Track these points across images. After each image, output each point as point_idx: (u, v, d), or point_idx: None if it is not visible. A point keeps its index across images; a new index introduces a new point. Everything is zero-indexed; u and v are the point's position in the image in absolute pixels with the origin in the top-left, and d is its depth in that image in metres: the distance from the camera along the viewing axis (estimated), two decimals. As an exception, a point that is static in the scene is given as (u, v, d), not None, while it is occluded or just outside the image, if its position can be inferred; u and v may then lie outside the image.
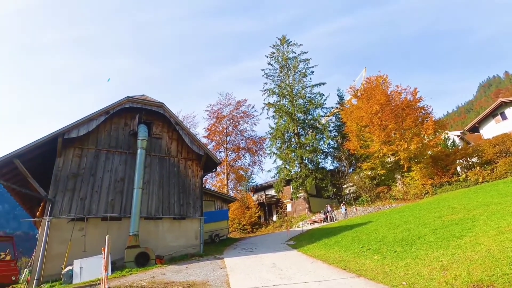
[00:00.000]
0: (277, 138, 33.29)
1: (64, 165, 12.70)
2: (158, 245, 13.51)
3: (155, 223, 14.03)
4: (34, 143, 12.01)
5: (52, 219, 11.69)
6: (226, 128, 39.03)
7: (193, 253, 14.21)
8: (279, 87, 35.62)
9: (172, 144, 15.96)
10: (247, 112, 39.60)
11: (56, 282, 10.59)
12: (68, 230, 11.94)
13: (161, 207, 14.32)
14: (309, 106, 33.80)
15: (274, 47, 37.29)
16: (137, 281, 8.53)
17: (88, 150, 13.45)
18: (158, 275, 9.36)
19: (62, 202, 12.14)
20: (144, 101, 15.11)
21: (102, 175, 13.37)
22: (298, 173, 31.34)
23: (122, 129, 14.71)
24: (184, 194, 15.23)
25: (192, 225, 15.04)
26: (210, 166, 17.49)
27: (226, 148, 38.45)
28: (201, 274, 8.94)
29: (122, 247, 12.01)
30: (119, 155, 14.14)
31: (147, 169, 14.42)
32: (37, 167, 12.69)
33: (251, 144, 39.15)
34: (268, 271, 8.51)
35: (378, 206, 24.50)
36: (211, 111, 39.47)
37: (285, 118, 33.63)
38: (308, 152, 31.39)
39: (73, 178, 12.67)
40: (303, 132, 34.00)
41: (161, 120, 15.76)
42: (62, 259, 11.35)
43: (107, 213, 12.88)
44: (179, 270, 10.07)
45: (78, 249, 11.70)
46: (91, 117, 13.30)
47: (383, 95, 25.33)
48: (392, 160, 26.18)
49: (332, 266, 8.53)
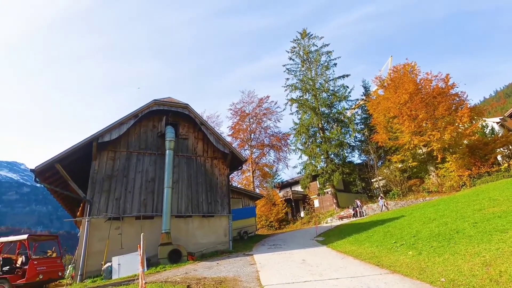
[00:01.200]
0: (301, 133, 32.90)
1: (99, 167, 13.43)
2: (188, 242, 13.92)
3: (185, 221, 14.46)
4: (72, 148, 12.81)
5: (91, 218, 12.44)
6: (250, 126, 39.20)
7: (222, 250, 14.49)
8: (302, 82, 35.13)
9: (198, 144, 16.31)
10: (270, 109, 39.53)
11: (98, 278, 11.27)
12: (106, 228, 12.64)
13: (190, 206, 14.72)
14: (333, 100, 33.04)
15: (294, 41, 36.80)
16: (171, 277, 8.86)
17: (120, 153, 14.11)
18: (190, 271, 9.65)
19: (99, 203, 12.86)
20: (170, 103, 15.55)
21: (134, 176, 13.98)
22: (324, 168, 30.83)
23: (150, 131, 15.27)
24: (211, 192, 15.54)
25: (220, 222, 15.33)
26: (235, 164, 17.69)
27: (250, 145, 38.66)
28: (231, 270, 9.09)
29: (155, 244, 12.50)
30: (149, 156, 14.70)
31: (176, 169, 14.86)
32: (75, 170, 13.49)
33: (275, 140, 39.04)
34: (298, 267, 8.48)
35: (410, 200, 23.53)
36: (234, 109, 39.84)
37: (309, 113, 33.14)
38: (334, 147, 30.76)
39: (108, 180, 13.38)
40: (328, 127, 33.34)
41: (187, 121, 16.15)
42: (102, 256, 12.05)
43: (140, 212, 13.47)
44: (210, 266, 10.31)
45: (115, 247, 12.36)
46: (121, 121, 13.93)
47: (411, 84, 24.18)
48: (424, 152, 24.97)
49: (364, 262, 8.33)
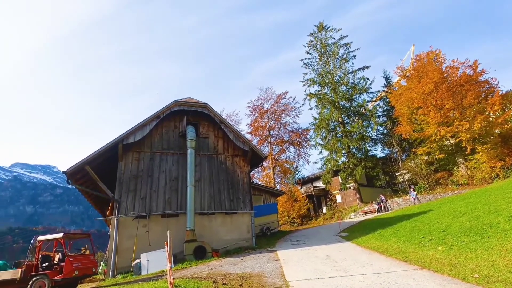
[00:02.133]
0: (321, 128, 32.44)
1: (125, 168, 13.97)
2: (212, 239, 14.19)
3: (208, 218, 14.75)
4: (99, 150, 13.41)
5: (120, 217, 12.98)
6: (269, 123, 39.17)
7: (246, 246, 14.66)
8: (320, 76, 34.57)
9: (219, 142, 16.53)
10: (288, 104, 39.26)
11: (128, 274, 11.77)
12: (134, 226, 13.15)
13: (213, 203, 14.99)
14: (353, 93, 32.28)
15: (311, 35, 36.22)
16: (197, 272, 9.09)
17: (144, 153, 14.60)
18: (215, 267, 9.85)
19: (127, 202, 13.39)
20: (190, 103, 15.85)
21: (158, 176, 14.43)
22: (346, 163, 30.27)
23: (172, 131, 15.65)
24: (233, 189, 15.73)
25: (243, 219, 15.50)
26: (256, 161, 17.78)
27: (270, 142, 38.64)
28: (256, 266, 9.19)
29: (181, 241, 12.86)
30: (172, 156, 15.10)
31: (198, 168, 15.16)
32: (103, 171, 14.11)
33: (295, 136, 38.77)
34: (322, 263, 8.43)
35: (438, 194, 22.62)
36: (253, 107, 39.91)
37: (328, 107, 32.60)
38: (355, 141, 30.11)
39: (134, 180, 13.89)
40: (349, 120, 32.65)
41: (207, 120, 16.40)
42: (131, 253, 12.57)
43: (165, 210, 13.89)
44: (234, 262, 10.47)
45: (143, 244, 12.84)
46: (144, 123, 14.38)
47: (436, 72, 23.13)
48: (452, 143, 23.88)
49: (390, 257, 8.14)
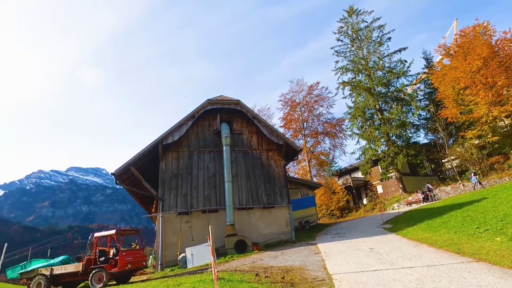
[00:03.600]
0: (357, 117, 31.21)
1: (166, 167, 14.69)
2: (252, 233, 14.43)
3: (247, 213, 15.01)
4: (141, 151, 14.24)
5: (164, 214, 13.72)
6: (302, 115, 38.56)
7: (285, 240, 14.70)
8: (353, 63, 33.16)
9: (253, 137, 16.67)
10: (320, 95, 38.25)
11: (175, 267, 12.44)
12: (177, 222, 13.82)
13: (250, 198, 15.21)
14: (390, 77, 30.52)
15: (341, 21, 34.80)
16: (239, 266, 9.33)
17: (183, 152, 15.21)
18: (257, 260, 10.03)
19: (170, 199, 14.11)
20: (222, 101, 16.15)
21: (197, 173, 14.97)
22: (386, 151, 28.86)
23: (207, 129, 16.10)
24: (269, 184, 15.81)
25: (281, 213, 15.54)
26: (291, 154, 17.67)
27: (304, 135, 38.08)
28: (297, 259, 9.19)
29: (222, 235, 13.25)
30: (208, 153, 15.55)
31: (234, 164, 15.44)
32: (146, 171, 14.95)
33: (329, 127, 37.74)
34: (366, 256, 8.19)
35: (493, 180, 20.71)
36: (284, 100, 39.50)
37: (364, 94, 31.21)
38: (395, 128, 28.54)
39: (175, 178, 14.56)
40: (386, 107, 31.01)
41: (240, 117, 16.59)
42: (176, 247, 13.25)
43: (205, 206, 14.40)
44: (275, 256, 10.57)
45: (187, 238, 13.45)
46: (181, 123, 14.96)
47: (485, 47, 21.02)
48: (507, 124, 21.65)
49: (440, 250, 7.67)
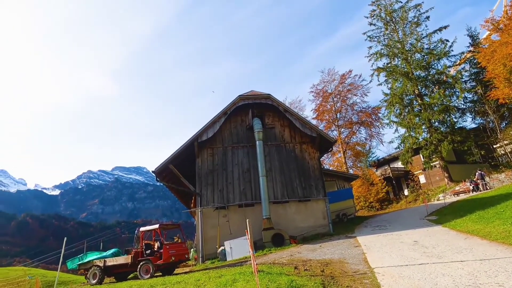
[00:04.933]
0: (394, 104, 29.54)
1: (202, 164, 15.17)
2: (288, 226, 14.44)
3: (283, 207, 15.03)
4: (178, 149, 14.84)
5: (203, 209, 14.22)
6: (334, 105, 37.43)
7: (323, 233, 14.51)
8: (387, 47, 31.34)
9: (285, 131, 16.57)
10: (354, 84, 36.78)
11: (215, 259, 12.88)
12: (215, 217, 14.26)
13: (285, 191, 15.20)
14: (430, 59, 28.39)
15: (373, 3, 32.94)
16: (277, 259, 9.40)
17: (217, 149, 15.59)
18: (295, 253, 10.04)
19: (207, 195, 14.58)
20: (253, 96, 16.22)
21: (232, 169, 15.27)
22: (428, 139, 27.05)
23: (239, 125, 16.30)
24: (304, 177, 15.65)
25: (317, 205, 15.34)
26: (325, 146, 17.32)
27: (337, 126, 37.01)
28: (336, 252, 9.04)
29: (258, 229, 13.42)
30: (242, 149, 15.77)
31: (267, 158, 15.51)
32: (184, 168, 15.56)
33: (365, 116, 36.23)
34: (410, 249, 7.82)
35: (556, 165, 18.56)
36: (316, 91, 38.57)
37: (401, 80, 29.41)
38: (437, 113, 26.59)
39: (211, 174, 15.00)
40: (427, 91, 28.96)
41: (271, 110, 16.56)
42: (215, 241, 13.69)
43: (241, 200, 14.67)
44: (313, 249, 10.49)
45: (225, 232, 13.83)
46: (214, 120, 15.31)
47: (542, 17, 18.70)
48: None
49: (495, 242, 7.07)
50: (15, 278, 14.89)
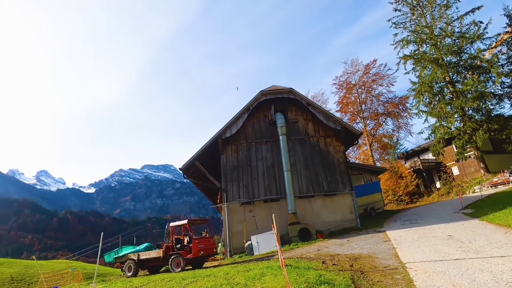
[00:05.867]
0: (423, 93, 28.10)
1: (226, 160, 15.40)
2: (314, 221, 14.34)
3: (308, 201, 14.94)
4: (203, 147, 15.16)
5: (229, 204, 14.48)
6: (359, 97, 36.34)
7: (350, 227, 14.27)
8: (414, 33, 29.78)
9: (308, 125, 16.38)
10: (379, 73, 35.42)
11: (242, 254, 13.10)
12: (241, 212, 14.47)
13: (310, 186, 15.08)
14: (462, 43, 26.62)
15: (398, -12, 31.44)
16: (305, 253, 9.40)
17: (241, 145, 15.74)
18: (322, 248, 9.97)
19: (232, 190, 14.81)
20: (275, 90, 16.16)
21: (256, 164, 15.38)
22: (461, 128, 25.54)
23: (262, 121, 16.33)
24: (329, 171, 15.42)
25: (344, 200, 15.09)
26: (350, 139, 16.95)
27: (362, 117, 35.95)
28: (364, 247, 8.88)
29: (284, 224, 13.45)
30: (265, 144, 15.81)
31: (291, 153, 15.43)
32: (209, 165, 15.89)
33: (391, 107, 34.86)
34: (444, 244, 7.51)
35: None
36: (339, 83, 37.59)
37: (430, 67, 27.87)
38: (471, 100, 24.97)
39: (236, 170, 15.20)
40: (459, 78, 27.27)
41: (294, 105, 16.42)
42: (242, 235, 13.91)
43: (266, 195, 14.76)
44: (341, 243, 10.37)
45: (251, 227, 14.00)
46: (237, 116, 15.46)
47: None
48: None
49: (540, 236, 6.62)
50: (59, 270, 16.08)
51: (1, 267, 18.18)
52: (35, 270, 17.32)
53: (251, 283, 5.64)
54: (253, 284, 5.55)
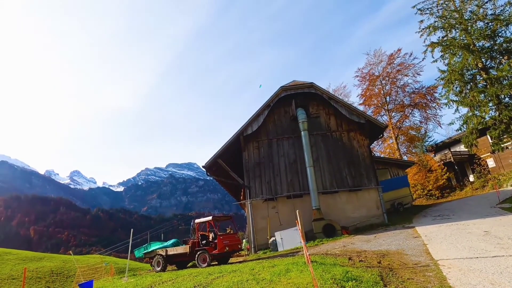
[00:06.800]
0: (453, 81, 26.48)
1: (248, 157, 15.46)
2: (339, 216, 14.08)
3: (332, 197, 14.69)
4: (225, 144, 15.31)
5: (252, 201, 14.55)
6: (383, 89, 35.05)
7: (377, 223, 13.89)
8: (442, 19, 28.13)
9: (331, 119, 16.05)
10: (404, 63, 33.87)
11: (267, 250, 13.14)
12: (264, 208, 14.50)
13: (334, 181, 14.81)
14: (495, 26, 24.77)
15: (423, -28, 29.85)
16: (330, 249, 9.26)
17: (262, 141, 15.73)
18: (348, 244, 9.78)
19: (255, 187, 14.86)
20: (296, 86, 15.96)
21: (278, 160, 15.32)
22: (497, 117, 23.87)
23: (283, 116, 16.21)
24: (353, 165, 15.05)
25: (369, 195, 14.69)
26: (374, 133, 16.46)
27: (387, 110, 34.67)
28: (392, 243, 8.60)
29: (308, 220, 13.32)
30: (287, 140, 15.69)
31: (313, 148, 15.21)
32: (231, 162, 16.02)
33: (418, 98, 33.30)
34: (480, 240, 7.10)
35: None
36: (361, 75, 36.42)
37: (460, 53, 26.20)
38: (508, 87, 23.16)
39: (258, 167, 15.22)
40: (493, 63, 25.43)
41: (315, 99, 16.14)
42: (265, 232, 13.95)
43: (289, 192, 14.67)
44: (367, 239, 10.11)
45: (275, 223, 14.00)
46: (258, 113, 15.45)
47: None
48: None
49: None
50: (93, 265, 16.98)
51: (42, 261, 19.48)
52: (72, 264, 18.41)
53: (277, 279, 5.64)
54: (279, 280, 5.54)
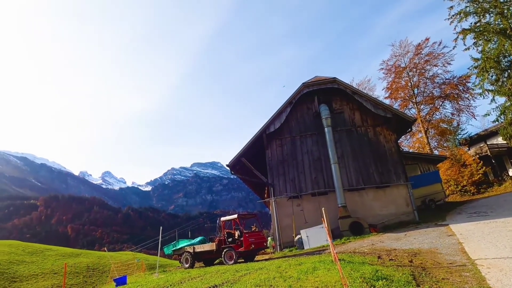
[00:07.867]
0: (488, 70, 24.87)
1: (272, 155, 15.45)
2: (366, 214, 13.71)
3: (359, 194, 14.33)
4: (248, 143, 15.40)
5: (276, 198, 14.55)
6: (410, 81, 33.56)
7: (407, 221, 13.38)
8: (474, 3, 26.43)
9: (355, 114, 15.65)
10: (432, 53, 32.16)
11: (292, 248, 13.09)
12: (289, 206, 14.43)
13: (360, 178, 14.44)
14: (536, 8, 23.03)
15: (452, -45, 28.18)
16: (358, 248, 9.05)
17: (285, 139, 15.65)
18: (376, 242, 9.51)
19: (279, 185, 14.84)
20: (318, 81, 15.71)
21: (301, 158, 15.18)
22: (539, 106, 22.20)
23: (306, 113, 16.02)
24: (380, 161, 14.59)
25: (398, 192, 14.17)
26: (402, 127, 15.85)
27: (415, 103, 33.17)
28: (424, 241, 8.25)
29: (334, 218, 13.09)
30: (310, 137, 15.50)
31: (338, 144, 14.91)
32: (255, 160, 16.08)
33: (449, 88, 31.51)
34: (522, 239, 6.63)
35: None
36: (386, 67, 35.07)
37: (495, 39, 24.54)
38: (551, 73, 21.54)
39: (281, 164, 15.18)
40: (533, 48, 23.65)
41: (338, 95, 15.80)
42: (290, 229, 13.89)
43: (314, 189, 14.50)
44: (397, 238, 9.78)
45: (300, 221, 13.89)
46: (280, 110, 15.38)
47: None
48: None
49: None
50: (126, 261, 17.79)
51: (79, 257, 20.72)
52: (106, 260, 19.41)
53: (304, 277, 5.60)
54: (306, 278, 5.51)
